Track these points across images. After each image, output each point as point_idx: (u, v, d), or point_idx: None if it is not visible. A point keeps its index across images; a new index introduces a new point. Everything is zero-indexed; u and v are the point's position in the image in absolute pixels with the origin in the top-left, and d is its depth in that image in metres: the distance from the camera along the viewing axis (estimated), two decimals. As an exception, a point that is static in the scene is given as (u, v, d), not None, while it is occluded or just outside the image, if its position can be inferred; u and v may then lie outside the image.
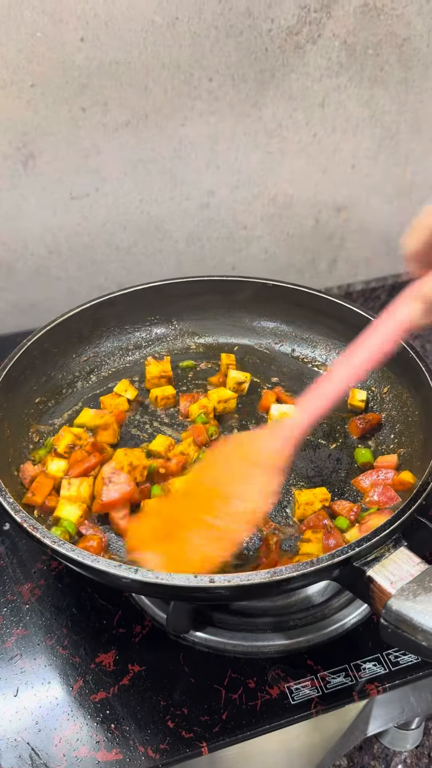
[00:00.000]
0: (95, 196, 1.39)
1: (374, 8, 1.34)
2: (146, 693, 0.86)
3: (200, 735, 0.82)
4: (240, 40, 1.30)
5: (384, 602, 0.72)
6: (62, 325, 1.10)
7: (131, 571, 0.73)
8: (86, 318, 1.13)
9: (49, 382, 1.10)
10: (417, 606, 0.69)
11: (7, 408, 0.99)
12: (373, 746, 1.06)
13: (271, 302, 1.21)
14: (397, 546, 0.77)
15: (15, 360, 1.01)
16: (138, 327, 1.21)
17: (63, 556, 0.76)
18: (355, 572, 0.75)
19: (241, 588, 0.72)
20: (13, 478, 0.93)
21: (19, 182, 1.33)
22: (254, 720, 0.83)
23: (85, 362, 1.15)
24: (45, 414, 1.08)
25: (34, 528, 0.79)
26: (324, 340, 1.19)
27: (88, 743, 0.82)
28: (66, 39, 1.21)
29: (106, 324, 1.18)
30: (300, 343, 1.21)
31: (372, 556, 0.75)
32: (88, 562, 0.74)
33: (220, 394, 1.09)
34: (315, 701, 0.85)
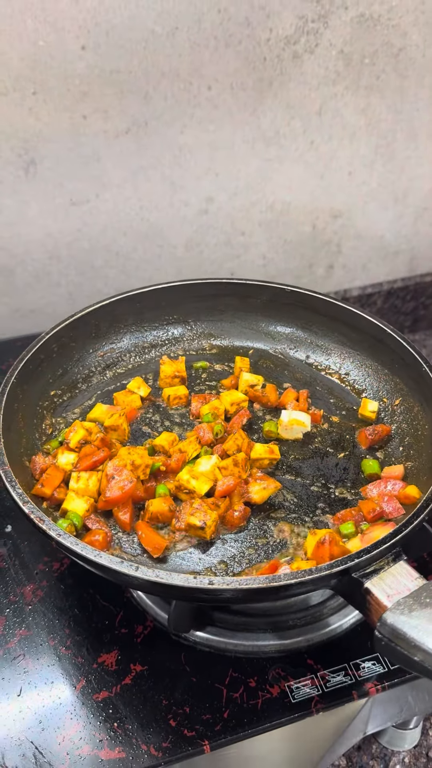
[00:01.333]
0: (95, 202, 1.41)
1: (370, 18, 1.36)
2: (148, 692, 0.87)
3: (202, 733, 0.83)
4: (239, 49, 1.32)
5: (379, 615, 0.72)
6: (81, 320, 1.11)
7: (132, 568, 0.74)
8: (105, 314, 1.15)
9: (65, 375, 1.11)
10: (411, 621, 0.70)
11: (23, 399, 1.00)
12: (372, 746, 1.07)
13: (288, 308, 1.21)
14: (396, 560, 0.78)
15: (33, 352, 1.03)
16: (155, 326, 1.22)
17: (66, 548, 0.77)
18: (353, 583, 0.76)
19: (238, 591, 0.73)
20: (24, 469, 0.94)
21: (21, 188, 1.35)
22: (255, 718, 0.84)
23: (101, 358, 1.17)
24: (59, 407, 1.09)
25: (40, 520, 0.80)
26: (339, 348, 1.20)
27: (91, 742, 0.83)
28: (68, 48, 1.23)
29: (125, 321, 1.19)
30: (315, 350, 1.21)
31: (371, 568, 0.76)
32: (91, 557, 0.75)
33: (232, 397, 1.10)
34: (315, 700, 0.86)
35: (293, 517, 0.96)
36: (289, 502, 0.98)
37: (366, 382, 1.15)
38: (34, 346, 1.03)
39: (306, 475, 1.03)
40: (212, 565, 0.89)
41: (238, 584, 0.73)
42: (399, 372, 1.10)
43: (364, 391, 1.15)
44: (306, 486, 1.01)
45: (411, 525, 0.80)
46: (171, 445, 1.01)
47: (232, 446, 1.00)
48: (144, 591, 0.84)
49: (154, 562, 0.89)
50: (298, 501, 0.99)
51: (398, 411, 1.09)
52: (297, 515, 0.97)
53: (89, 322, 1.13)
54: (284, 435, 1.07)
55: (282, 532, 0.94)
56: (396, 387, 1.11)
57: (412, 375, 1.06)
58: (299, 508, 0.98)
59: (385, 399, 1.11)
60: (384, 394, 1.12)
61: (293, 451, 1.06)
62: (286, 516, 0.96)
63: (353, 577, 0.75)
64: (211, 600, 0.78)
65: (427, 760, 1.05)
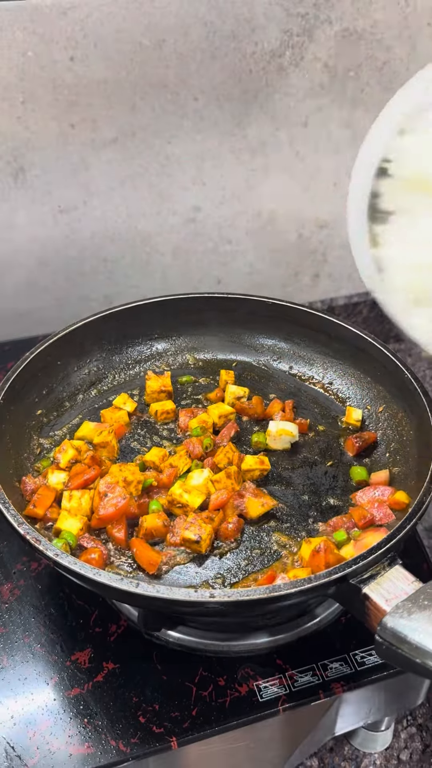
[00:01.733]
0: (84, 209, 1.44)
1: (355, 33, 1.39)
2: (119, 690, 0.89)
3: (170, 730, 0.85)
4: (225, 62, 1.34)
5: (379, 620, 0.74)
6: (65, 339, 1.12)
7: (132, 585, 0.75)
8: (89, 331, 1.15)
9: (50, 394, 1.12)
10: (412, 624, 0.71)
11: (10, 420, 1.01)
12: (344, 747, 1.08)
13: (270, 320, 1.23)
14: (392, 564, 0.79)
15: (18, 372, 1.03)
16: (139, 341, 1.23)
17: (65, 568, 0.78)
18: (351, 589, 0.77)
19: (239, 603, 0.74)
20: (14, 490, 0.94)
21: (9, 195, 1.37)
22: (223, 716, 0.86)
23: (86, 375, 1.17)
24: (46, 426, 1.09)
25: (37, 540, 0.80)
26: (321, 358, 1.21)
27: (61, 737, 0.84)
28: (56, 58, 1.25)
29: (108, 338, 1.20)
30: (297, 360, 1.23)
31: (367, 574, 0.78)
32: (90, 575, 0.76)
33: (220, 410, 1.11)
34: (282, 699, 0.88)
35: (286, 526, 0.98)
36: (282, 512, 1.00)
37: (349, 391, 1.17)
38: (19, 366, 1.04)
39: (296, 484, 1.04)
40: (209, 578, 0.90)
41: (239, 596, 0.74)
42: (381, 380, 1.12)
43: (348, 399, 1.16)
44: (297, 495, 1.03)
45: (404, 529, 0.82)
46: (161, 461, 1.02)
47: (222, 459, 1.01)
48: (143, 607, 0.84)
49: (150, 578, 0.90)
50: (289, 510, 1.00)
51: (382, 418, 1.11)
52: (290, 524, 0.98)
53: (73, 340, 1.14)
54: (273, 445, 1.09)
55: (276, 543, 0.95)
56: (379, 394, 1.13)
57: (395, 382, 1.08)
58: (291, 517, 0.99)
59: (369, 406, 1.13)
60: (368, 401, 1.14)
61: (282, 461, 1.08)
62: (278, 526, 0.98)
63: (351, 583, 0.77)
64: (210, 613, 0.79)
65: (398, 762, 1.07)
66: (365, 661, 0.91)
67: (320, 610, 0.95)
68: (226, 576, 0.91)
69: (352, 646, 0.93)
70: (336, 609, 0.96)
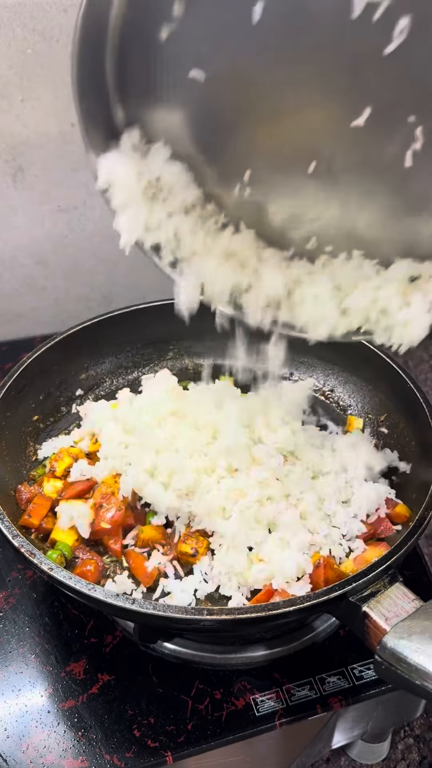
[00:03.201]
0: (83, 209, 1.42)
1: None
2: (114, 702, 0.88)
3: (165, 744, 0.84)
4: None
5: (379, 639, 0.72)
6: (63, 342, 1.10)
7: (128, 602, 0.73)
8: (87, 336, 1.13)
9: (47, 399, 1.10)
10: (412, 644, 0.70)
11: (5, 426, 0.99)
12: (341, 759, 1.07)
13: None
14: (392, 582, 0.78)
15: (15, 377, 1.01)
16: (137, 346, 1.20)
17: (60, 583, 0.76)
18: (350, 607, 0.76)
19: (236, 621, 0.73)
20: (9, 498, 0.93)
21: (8, 194, 1.36)
22: (219, 731, 0.85)
23: (83, 380, 1.16)
24: (43, 432, 1.07)
25: (31, 554, 0.79)
26: (323, 366, 1.19)
27: (55, 750, 0.83)
28: (57, 56, 1.23)
29: (107, 342, 1.18)
30: (298, 366, 1.21)
31: (367, 592, 0.76)
32: (86, 591, 0.75)
33: None
34: (279, 713, 0.87)
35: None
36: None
37: (351, 399, 1.16)
38: (15, 371, 1.02)
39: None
40: (206, 593, 0.88)
41: (236, 614, 0.73)
42: (383, 388, 1.10)
43: (349, 407, 1.15)
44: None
45: (405, 546, 0.80)
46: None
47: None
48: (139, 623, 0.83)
49: (145, 590, 0.89)
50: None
51: (384, 427, 1.09)
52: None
53: (71, 345, 1.11)
54: None
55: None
56: (381, 403, 1.11)
57: (397, 391, 1.06)
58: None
59: (370, 415, 1.11)
60: (369, 410, 1.12)
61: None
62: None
63: (350, 601, 0.76)
64: (208, 630, 0.77)
65: (395, 773, 1.06)
66: (363, 675, 0.90)
67: (318, 623, 0.94)
68: (223, 589, 0.90)
69: (350, 659, 0.92)
70: (334, 622, 0.95)
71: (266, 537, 0.87)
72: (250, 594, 0.86)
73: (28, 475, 1.00)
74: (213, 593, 0.87)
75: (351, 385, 1.16)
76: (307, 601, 0.74)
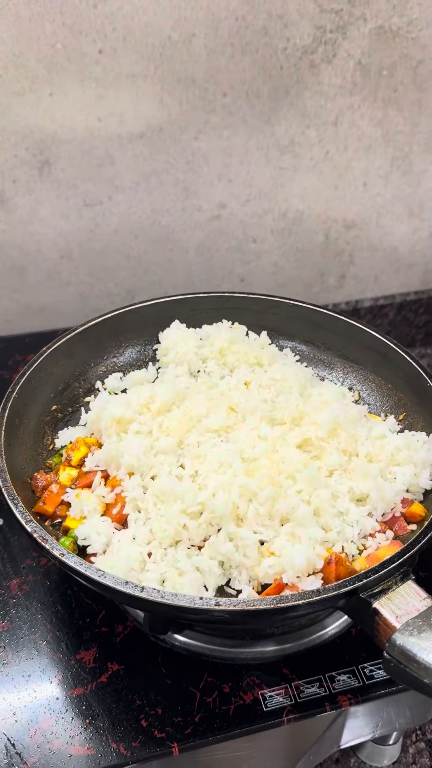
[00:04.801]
0: (108, 204, 1.43)
1: (389, 30, 1.36)
2: (123, 691, 0.88)
3: (172, 735, 0.84)
4: (255, 57, 1.32)
5: (388, 636, 0.72)
6: (83, 334, 1.11)
7: (137, 589, 0.74)
8: (107, 328, 1.14)
9: (66, 390, 1.10)
10: (421, 643, 0.69)
11: (24, 415, 1.00)
12: (350, 760, 1.06)
13: (291, 321, 1.20)
14: (404, 579, 0.77)
15: (35, 367, 1.03)
16: (157, 339, 1.20)
17: (70, 568, 0.77)
18: (360, 603, 0.75)
19: (245, 613, 0.72)
20: (25, 485, 0.93)
21: (35, 188, 1.37)
22: (226, 724, 0.85)
23: (102, 372, 1.16)
24: (60, 422, 1.08)
25: (43, 539, 0.79)
26: (342, 363, 1.18)
27: (62, 737, 0.84)
28: (85, 51, 1.24)
29: (126, 334, 1.18)
30: (317, 363, 1.20)
31: (379, 588, 0.76)
32: (95, 577, 0.75)
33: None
34: (287, 709, 0.86)
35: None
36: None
37: (370, 397, 1.14)
38: (36, 360, 1.03)
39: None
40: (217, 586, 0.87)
41: (245, 605, 0.73)
42: (402, 387, 1.09)
43: (367, 405, 1.14)
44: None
45: (419, 544, 0.80)
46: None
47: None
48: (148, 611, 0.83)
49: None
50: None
51: (402, 425, 1.08)
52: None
53: (91, 336, 1.12)
54: None
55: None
56: (399, 402, 1.10)
57: (416, 390, 1.05)
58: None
59: (388, 414, 1.10)
60: (387, 408, 1.11)
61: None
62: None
63: (361, 597, 0.75)
64: (215, 621, 0.77)
65: (406, 777, 1.05)
66: (374, 674, 0.89)
67: (329, 620, 0.93)
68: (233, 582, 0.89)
69: (361, 658, 0.91)
70: (346, 620, 0.94)
71: (278, 531, 0.86)
72: (261, 588, 0.86)
73: (44, 463, 1.01)
74: (223, 586, 0.87)
75: (370, 383, 1.15)
76: (317, 595, 0.73)
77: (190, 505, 0.86)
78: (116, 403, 1.00)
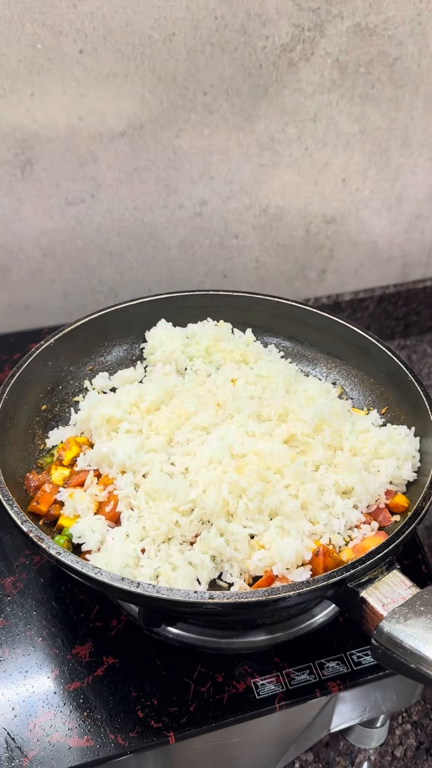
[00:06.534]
0: (90, 202, 1.44)
1: (366, 28, 1.38)
2: (119, 684, 0.90)
3: (168, 725, 0.86)
4: (234, 56, 1.34)
5: (376, 624, 0.75)
6: (70, 335, 1.12)
7: (133, 585, 0.76)
8: (94, 328, 1.15)
9: (55, 390, 1.12)
10: (407, 629, 0.73)
11: (14, 416, 1.01)
12: (339, 743, 1.10)
13: (274, 318, 1.22)
14: (390, 569, 0.80)
15: (24, 368, 1.04)
16: (143, 338, 1.21)
17: (67, 566, 0.78)
18: (348, 593, 0.78)
19: (237, 605, 0.75)
20: (18, 485, 0.95)
21: (17, 187, 1.38)
22: (220, 713, 0.88)
23: (90, 371, 1.17)
24: (50, 422, 1.09)
25: (39, 539, 0.81)
26: (325, 358, 1.21)
27: (61, 730, 0.86)
28: (65, 51, 1.25)
29: (113, 334, 1.19)
30: (301, 359, 1.22)
31: (366, 578, 0.79)
32: (92, 574, 0.77)
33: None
34: (279, 696, 0.89)
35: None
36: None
37: (353, 392, 1.17)
38: (24, 362, 1.04)
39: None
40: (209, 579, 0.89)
41: (238, 598, 0.75)
42: (384, 381, 1.12)
43: (351, 400, 1.16)
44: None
45: (403, 534, 0.83)
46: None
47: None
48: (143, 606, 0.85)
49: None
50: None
51: (385, 420, 1.10)
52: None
53: (78, 336, 1.13)
54: None
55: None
56: (382, 396, 1.13)
57: (397, 384, 1.08)
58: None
59: (371, 408, 1.13)
60: (370, 402, 1.14)
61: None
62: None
63: (349, 587, 0.78)
64: (209, 614, 0.80)
65: (393, 758, 1.08)
66: (362, 660, 0.92)
67: (318, 609, 0.96)
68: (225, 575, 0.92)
69: (348, 645, 0.94)
70: (333, 608, 0.97)
71: (267, 525, 0.89)
72: (252, 581, 0.88)
73: (36, 463, 1.02)
74: (216, 580, 0.89)
75: (353, 378, 1.17)
76: (306, 586, 0.76)
77: (182, 503, 0.88)
78: (106, 402, 1.02)
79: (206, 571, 0.86)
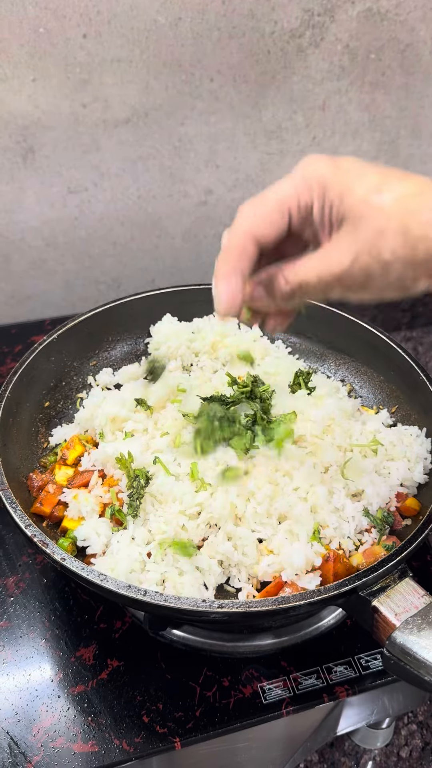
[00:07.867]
0: (93, 191, 1.40)
1: (378, 13, 1.34)
2: (123, 688, 0.89)
3: (174, 730, 0.85)
4: (242, 41, 1.30)
5: (388, 634, 0.73)
6: (74, 329, 1.09)
7: (140, 593, 0.74)
8: (97, 322, 1.12)
9: (58, 386, 1.09)
10: (421, 641, 0.71)
11: (17, 413, 0.99)
12: (344, 743, 1.09)
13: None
14: (402, 577, 0.78)
15: (27, 364, 1.01)
16: (147, 332, 1.18)
17: (72, 573, 0.76)
18: (360, 601, 0.76)
19: (247, 614, 0.73)
20: (21, 485, 0.93)
21: (19, 175, 1.34)
22: (227, 718, 0.86)
23: (94, 366, 1.15)
24: (53, 419, 1.07)
25: (44, 544, 0.79)
26: (334, 355, 1.18)
27: (65, 734, 0.85)
28: (69, 35, 1.21)
29: (116, 329, 1.17)
30: (309, 356, 1.20)
31: (377, 586, 0.77)
32: (98, 581, 0.75)
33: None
34: (286, 701, 0.88)
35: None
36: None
37: (362, 390, 1.15)
38: (27, 358, 1.01)
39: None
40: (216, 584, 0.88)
41: (247, 607, 0.73)
42: (394, 379, 1.09)
43: (360, 398, 1.14)
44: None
45: (416, 541, 0.81)
46: None
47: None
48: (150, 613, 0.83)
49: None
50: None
51: (395, 419, 1.08)
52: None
53: (81, 332, 1.11)
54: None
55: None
56: (392, 394, 1.10)
57: (408, 383, 1.06)
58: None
59: (381, 406, 1.10)
60: (380, 401, 1.12)
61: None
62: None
63: (360, 595, 0.76)
64: (218, 622, 0.77)
65: (398, 758, 1.08)
66: (370, 665, 0.91)
67: (326, 613, 0.95)
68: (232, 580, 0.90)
69: (356, 649, 0.93)
70: (341, 612, 0.95)
71: (276, 529, 0.87)
72: (260, 586, 0.87)
73: (39, 462, 1.00)
74: (223, 585, 0.88)
75: (362, 376, 1.15)
76: (317, 595, 0.75)
77: (189, 507, 0.86)
78: (111, 401, 1.00)
79: (214, 576, 0.84)
